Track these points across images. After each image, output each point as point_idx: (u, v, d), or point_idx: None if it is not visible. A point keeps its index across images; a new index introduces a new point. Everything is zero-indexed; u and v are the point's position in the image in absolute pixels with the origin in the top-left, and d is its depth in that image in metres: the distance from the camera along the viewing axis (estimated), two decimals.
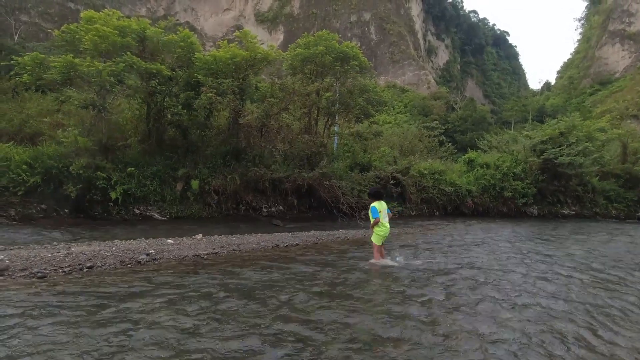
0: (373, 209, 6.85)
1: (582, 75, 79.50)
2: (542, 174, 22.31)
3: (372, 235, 7.12)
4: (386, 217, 7.03)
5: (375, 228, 6.93)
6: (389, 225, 7.05)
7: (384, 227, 6.94)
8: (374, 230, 6.97)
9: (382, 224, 6.91)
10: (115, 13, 14.33)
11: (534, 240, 11.50)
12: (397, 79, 71.64)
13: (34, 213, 11.53)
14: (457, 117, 51.02)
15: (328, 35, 17.28)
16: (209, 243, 8.51)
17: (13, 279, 5.22)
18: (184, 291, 4.81)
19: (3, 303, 4.14)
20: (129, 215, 12.97)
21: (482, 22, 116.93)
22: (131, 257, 6.67)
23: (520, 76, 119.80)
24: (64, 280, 5.25)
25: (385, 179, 18.42)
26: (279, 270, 6.17)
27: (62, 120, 14.80)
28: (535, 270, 6.85)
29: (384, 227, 6.94)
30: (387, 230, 6.99)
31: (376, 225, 6.89)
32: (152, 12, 76.38)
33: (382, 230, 6.92)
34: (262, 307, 4.31)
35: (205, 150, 15.59)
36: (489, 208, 21.52)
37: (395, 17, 78.86)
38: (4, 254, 6.34)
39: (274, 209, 15.78)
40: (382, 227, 6.91)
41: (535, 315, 4.38)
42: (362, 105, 18.26)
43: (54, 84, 13.75)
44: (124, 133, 14.72)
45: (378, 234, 6.94)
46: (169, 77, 14.24)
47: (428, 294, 5.09)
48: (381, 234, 6.94)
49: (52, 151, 12.28)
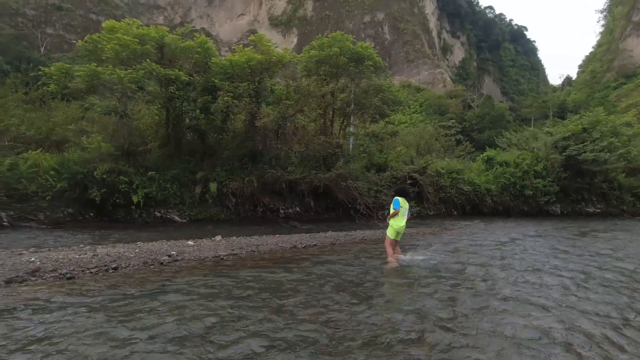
0: (396, 201, 6.94)
1: (606, 69, 76.83)
2: (565, 171, 21.68)
3: (387, 228, 7.14)
4: (405, 216, 7.06)
5: (392, 221, 6.97)
6: (405, 223, 7.08)
7: (402, 222, 6.99)
8: (390, 223, 7.01)
9: (400, 219, 6.96)
10: (135, 22, 14.76)
11: (557, 238, 11.18)
12: (412, 78, 70.99)
13: (61, 217, 11.97)
14: (474, 115, 50.14)
15: (342, 37, 17.29)
16: (228, 244, 8.64)
17: (44, 279, 5.44)
18: (205, 291, 4.91)
19: (36, 303, 4.32)
20: (150, 218, 13.30)
21: (499, 17, 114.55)
22: (154, 259, 6.84)
23: (539, 72, 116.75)
24: (92, 280, 5.44)
25: (402, 178, 18.27)
26: (298, 271, 6.22)
27: (86, 127, 15.34)
28: (560, 269, 6.67)
29: (402, 222, 6.99)
30: (403, 226, 7.03)
31: (394, 218, 6.93)
32: (169, 20, 78.28)
33: (399, 225, 6.96)
34: (282, 306, 4.36)
35: (222, 153, 15.84)
36: (510, 207, 21.04)
37: (409, 16, 78.21)
38: (35, 256, 6.61)
39: (291, 210, 15.88)
40: (399, 221, 6.95)
41: (560, 315, 4.27)
42: (377, 105, 18.18)
43: (79, 93, 14.28)
44: (144, 138, 15.14)
45: (394, 227, 6.98)
46: (186, 83, 14.55)
47: (448, 293, 5.03)
48: (396, 228, 6.97)
49: (77, 157, 12.74)
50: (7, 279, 5.24)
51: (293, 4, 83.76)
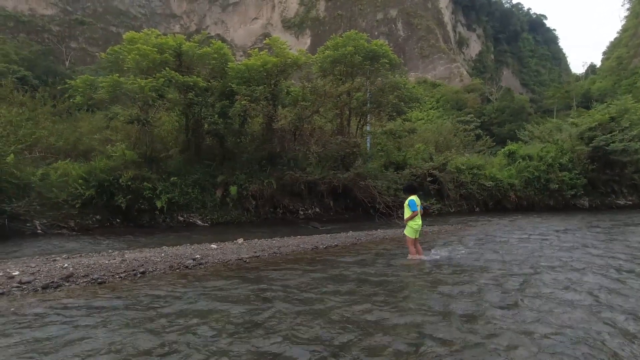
0: (412, 202, 7.00)
1: (633, 55, 73.40)
2: (592, 162, 20.87)
3: (405, 229, 7.19)
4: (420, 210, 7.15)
5: (410, 222, 7.02)
6: (421, 220, 7.17)
7: (419, 220, 7.08)
8: (408, 224, 7.06)
9: (418, 217, 7.05)
10: (153, 32, 15.18)
11: (586, 233, 10.78)
12: (428, 74, 70.00)
13: (90, 223, 12.42)
14: (493, 109, 48.99)
15: (356, 35, 17.23)
16: (250, 247, 8.74)
17: (77, 284, 5.65)
18: (230, 293, 4.99)
19: (73, 306, 4.51)
20: (174, 223, 13.61)
21: (516, 7, 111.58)
22: (179, 262, 7.00)
23: (560, 61, 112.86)
24: (121, 285, 5.62)
25: (422, 176, 18.04)
26: (320, 272, 6.23)
27: (111, 136, 15.86)
28: (590, 265, 6.44)
29: (419, 220, 7.08)
30: (420, 224, 7.11)
31: (412, 219, 6.98)
32: (185, 27, 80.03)
33: (417, 224, 7.04)
34: (306, 308, 4.38)
35: (241, 156, 16.06)
36: (534, 202, 20.43)
37: (422, 11, 77.15)
38: (68, 262, 6.88)
39: (310, 211, 15.93)
40: (417, 220, 7.04)
41: (592, 314, 4.12)
42: (394, 103, 18.03)
43: (103, 103, 14.82)
44: (165, 144, 15.54)
45: (412, 227, 7.04)
46: (204, 88, 14.83)
47: (472, 291, 4.94)
48: (415, 227, 7.04)
49: (103, 165, 13.17)
50: (43, 285, 5.48)
51: (305, 5, 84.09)
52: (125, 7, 78.38)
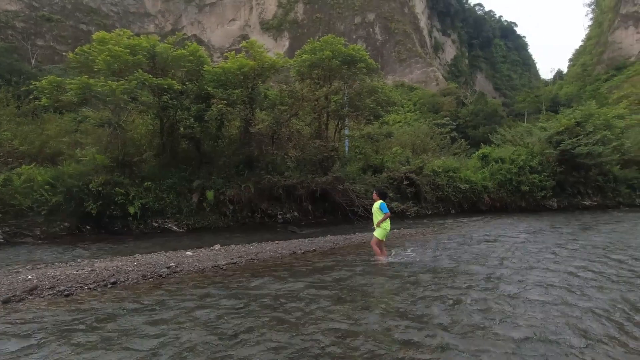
0: (383, 205, 7.51)
1: (596, 62, 77.58)
2: (560, 165, 21.80)
3: (376, 231, 7.60)
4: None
5: (382, 223, 7.48)
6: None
7: (389, 223, 7.58)
8: (381, 225, 7.51)
9: (388, 221, 7.54)
10: (125, 32, 14.70)
11: (554, 233, 11.23)
12: (405, 78, 71.31)
13: (57, 231, 11.87)
14: (468, 112, 50.40)
15: (334, 40, 17.32)
16: (227, 253, 8.59)
17: (42, 297, 5.37)
18: (206, 303, 4.87)
19: (34, 322, 4.27)
20: (148, 229, 13.21)
21: (488, 14, 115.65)
22: (152, 271, 6.78)
23: (530, 67, 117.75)
24: (90, 297, 5.38)
25: (399, 179, 18.30)
26: (298, 278, 6.19)
27: (80, 139, 15.24)
28: (558, 264, 6.69)
29: (389, 223, 7.58)
30: (389, 225, 7.62)
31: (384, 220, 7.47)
32: (160, 27, 78.16)
33: (388, 226, 7.57)
34: (285, 316, 4.33)
35: (218, 160, 15.79)
36: (507, 203, 21.13)
37: (399, 15, 78.61)
38: (32, 274, 6.54)
39: (289, 215, 15.85)
40: (387, 222, 7.53)
41: (560, 313, 4.28)
42: (371, 107, 18.22)
43: (71, 105, 14.20)
44: (139, 148, 15.06)
45: (385, 229, 7.53)
46: (180, 91, 14.50)
47: (448, 292, 5.03)
48: (387, 229, 7.56)
49: (72, 170, 12.64)
50: (4, 299, 5.18)
51: (284, 7, 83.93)
52: (97, 5, 75.72)
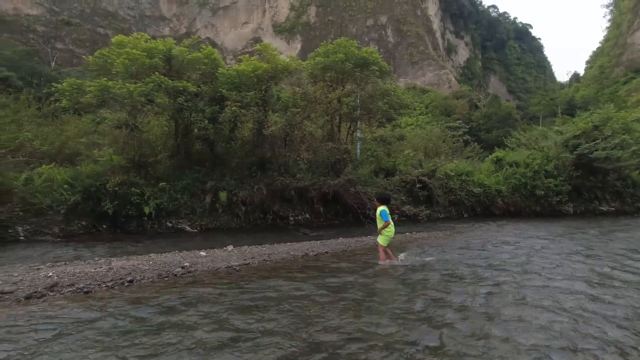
0: (384, 212, 7.45)
1: (614, 64, 75.78)
2: (577, 170, 21.36)
3: (379, 237, 7.52)
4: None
5: (384, 230, 7.39)
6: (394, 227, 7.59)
7: (392, 229, 7.48)
8: (383, 232, 7.42)
9: (391, 226, 7.44)
10: (143, 36, 15.01)
11: (570, 239, 11.01)
12: (417, 80, 70.94)
13: (75, 230, 12.15)
14: (481, 115, 49.83)
15: (347, 42, 17.37)
16: (240, 254, 8.67)
17: (62, 294, 5.52)
18: (221, 303, 4.94)
19: (55, 318, 4.40)
20: (162, 229, 13.42)
21: (503, 16, 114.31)
22: (167, 270, 6.89)
23: (546, 69, 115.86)
24: (108, 294, 5.50)
25: (411, 182, 18.21)
26: (310, 280, 6.22)
27: (98, 140, 15.59)
28: (574, 270, 6.57)
29: (392, 229, 7.48)
30: (393, 231, 7.52)
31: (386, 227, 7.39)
32: (174, 30, 79.48)
33: (391, 232, 7.44)
34: (296, 319, 4.36)
35: (231, 162, 15.95)
36: (521, 208, 20.78)
37: (412, 18, 78.30)
38: (52, 271, 6.72)
39: (300, 217, 15.90)
40: (390, 228, 7.42)
41: (575, 320, 4.20)
42: (383, 110, 18.20)
43: (90, 107, 14.54)
44: (154, 149, 15.33)
45: (387, 235, 7.42)
46: (194, 94, 14.72)
47: (459, 297, 4.99)
48: (390, 235, 7.45)
49: (89, 170, 12.93)
50: (26, 295, 5.34)
51: (296, 10, 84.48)
52: (114, 9, 77.49)
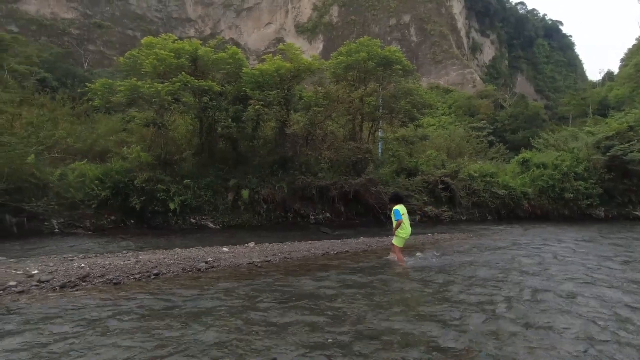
0: (396, 212, 7.24)
1: None
2: (609, 172, 20.43)
3: (394, 238, 7.37)
4: (408, 220, 7.35)
5: (398, 230, 7.22)
6: (410, 228, 7.35)
7: (407, 229, 7.26)
8: (397, 233, 7.26)
9: (405, 226, 7.23)
10: (170, 37, 15.45)
11: (600, 244, 10.56)
12: (440, 80, 69.68)
13: (105, 224, 12.65)
14: (507, 116, 48.41)
15: (370, 41, 17.28)
16: (262, 251, 8.80)
17: (93, 284, 5.77)
18: (241, 299, 5.04)
19: (86, 307, 4.62)
20: (186, 225, 13.76)
21: (531, 13, 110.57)
22: (191, 265, 7.08)
23: (576, 67, 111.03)
24: (136, 286, 5.71)
25: (434, 183, 17.92)
26: (332, 278, 6.25)
27: (126, 138, 16.15)
28: (605, 277, 6.31)
29: (407, 229, 7.26)
30: (409, 232, 7.30)
31: (401, 227, 7.20)
32: (199, 32, 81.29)
33: (405, 232, 7.25)
34: (317, 314, 4.40)
35: (253, 160, 16.17)
36: (548, 211, 20.08)
37: (436, 16, 76.95)
38: (84, 262, 7.04)
39: (321, 216, 15.95)
40: (404, 229, 7.23)
41: (604, 328, 4.05)
42: (406, 109, 17.99)
43: (120, 106, 15.10)
44: (179, 147, 15.74)
45: (400, 236, 7.25)
46: (219, 93, 15.00)
47: (480, 300, 4.89)
48: (403, 236, 7.27)
49: (118, 167, 13.41)
50: (61, 284, 5.62)
51: (318, 10, 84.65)
52: (142, 11, 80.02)
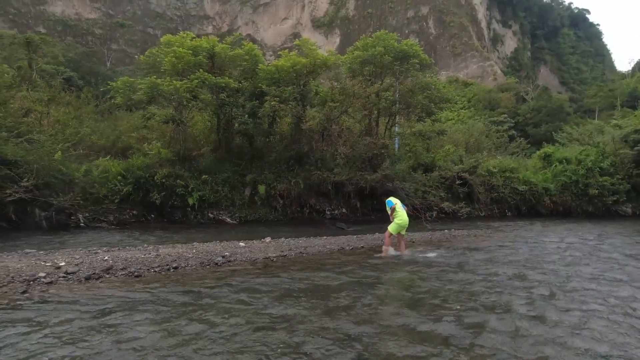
0: (388, 201, 8.06)
1: None
2: (637, 167, 19.64)
3: (390, 225, 7.88)
4: (403, 209, 8.01)
5: (396, 218, 7.78)
6: (407, 218, 7.94)
7: (403, 217, 7.82)
8: (395, 220, 7.80)
9: (401, 214, 7.82)
10: (188, 35, 15.69)
11: (629, 242, 10.19)
12: (460, 73, 68.21)
13: (127, 218, 13.08)
14: (529, 109, 46.98)
15: (386, 35, 17.05)
16: (277, 246, 8.92)
17: (116, 277, 6.01)
18: (258, 291, 5.15)
19: (111, 298, 4.82)
20: (204, 219, 14.07)
21: (556, 2, 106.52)
22: (209, 259, 7.26)
23: (604, 57, 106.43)
24: (156, 279, 5.91)
25: (451, 178, 17.65)
26: (347, 274, 6.29)
27: (147, 135, 16.59)
28: (632, 275, 6.12)
29: (403, 217, 7.82)
30: (406, 221, 7.88)
31: (397, 214, 7.80)
32: (217, 28, 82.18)
33: (402, 220, 7.77)
34: (331, 309, 4.46)
35: (270, 156, 16.33)
36: (571, 208, 19.46)
37: (455, 8, 75.17)
38: (108, 255, 7.32)
39: (337, 211, 15.99)
40: (401, 217, 7.80)
41: (622, 330, 3.94)
42: (423, 104, 17.72)
43: (141, 103, 15.51)
44: (197, 143, 16.06)
45: (397, 222, 7.78)
46: (235, 89, 15.18)
47: (495, 297, 4.83)
48: (400, 223, 7.78)
49: (140, 163, 13.80)
50: (86, 276, 5.87)
51: (335, 4, 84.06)
52: (162, 10, 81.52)
